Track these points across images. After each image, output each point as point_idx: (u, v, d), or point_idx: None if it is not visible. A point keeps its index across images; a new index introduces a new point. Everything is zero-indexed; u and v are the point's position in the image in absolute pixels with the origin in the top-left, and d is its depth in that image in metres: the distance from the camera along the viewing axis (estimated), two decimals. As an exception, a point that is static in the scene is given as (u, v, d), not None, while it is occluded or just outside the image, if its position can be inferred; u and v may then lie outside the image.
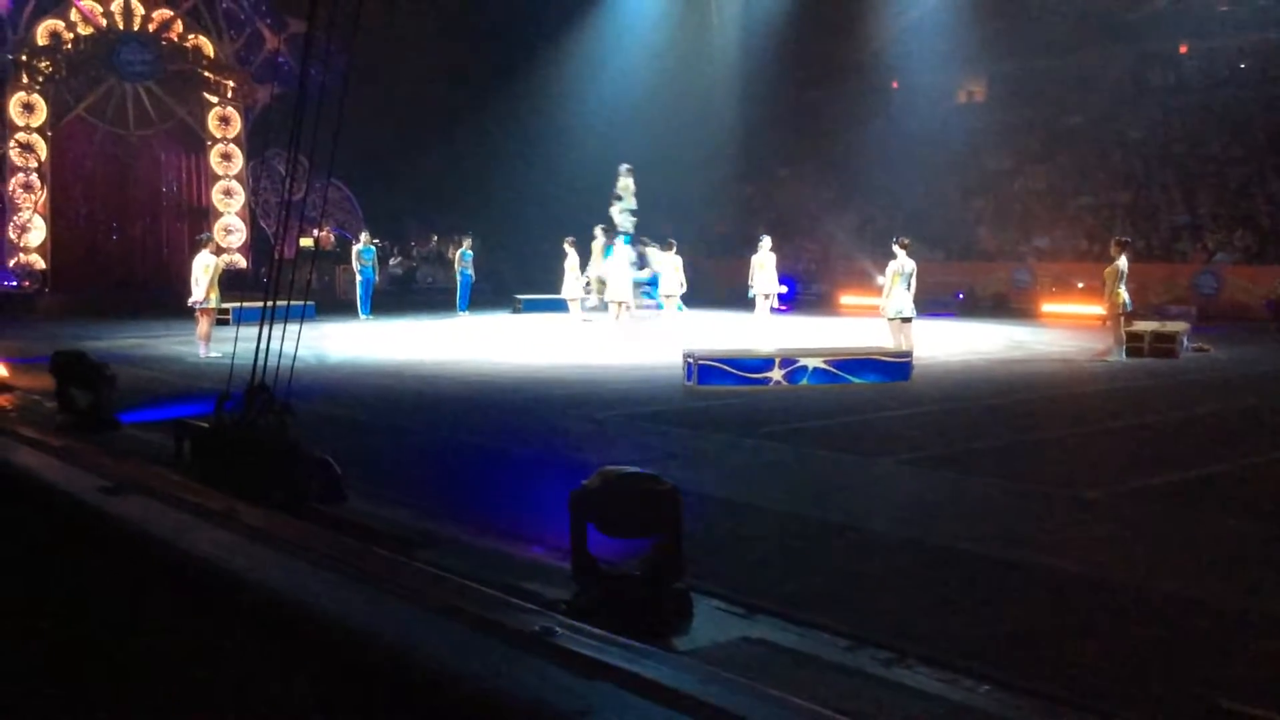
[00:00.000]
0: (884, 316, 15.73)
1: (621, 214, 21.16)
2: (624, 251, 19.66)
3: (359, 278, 23.79)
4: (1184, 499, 7.50)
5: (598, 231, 20.66)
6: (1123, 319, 15.94)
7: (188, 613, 3.94)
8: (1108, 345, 16.17)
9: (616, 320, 18.96)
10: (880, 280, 17.12)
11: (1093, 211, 29.74)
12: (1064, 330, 20.96)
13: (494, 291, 29.18)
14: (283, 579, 3.71)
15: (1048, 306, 25.57)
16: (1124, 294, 15.75)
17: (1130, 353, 15.99)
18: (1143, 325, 17.04)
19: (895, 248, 15.46)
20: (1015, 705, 3.83)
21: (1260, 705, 3.88)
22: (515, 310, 25.32)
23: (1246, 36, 31.03)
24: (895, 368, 13.40)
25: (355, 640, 3.14)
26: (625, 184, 21.53)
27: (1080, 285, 25.33)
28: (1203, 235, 27.45)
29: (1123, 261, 15.79)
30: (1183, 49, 32.37)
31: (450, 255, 35.72)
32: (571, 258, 20.20)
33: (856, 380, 13.08)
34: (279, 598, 3.54)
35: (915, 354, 14.12)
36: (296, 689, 3.30)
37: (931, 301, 22.84)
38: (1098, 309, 17.96)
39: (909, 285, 15.44)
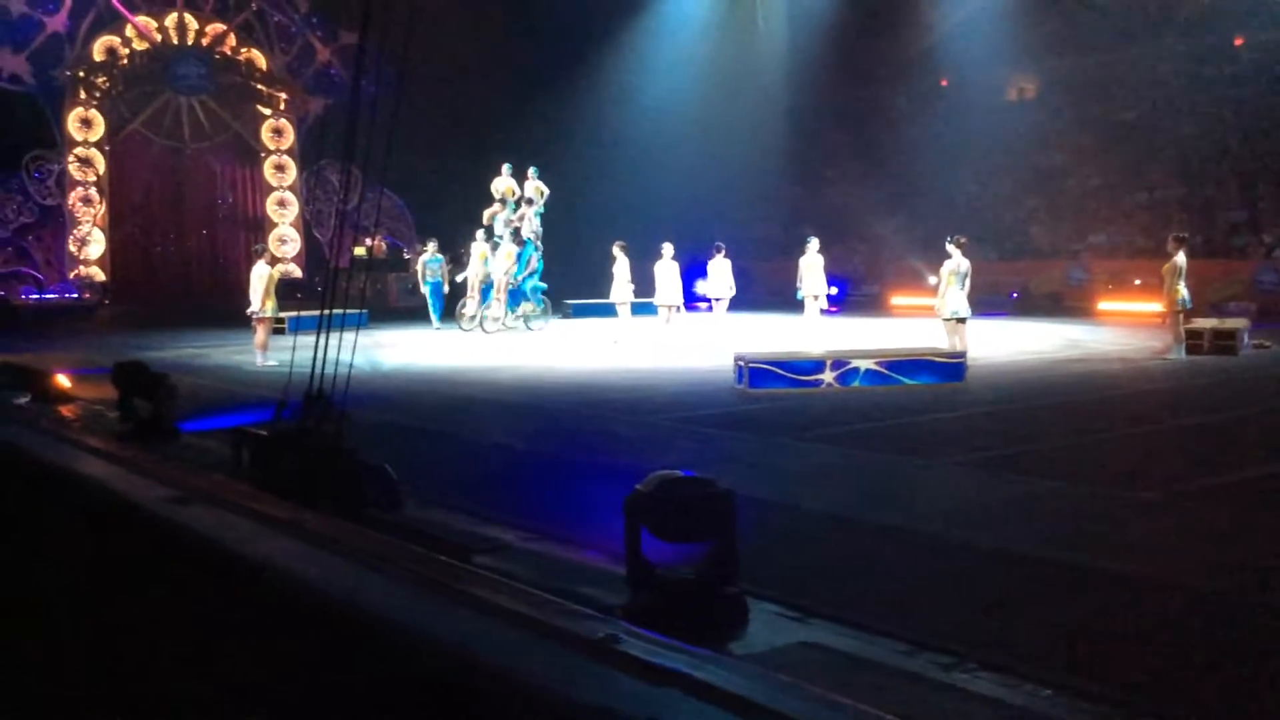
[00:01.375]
0: (939, 317, 15.59)
1: (535, 217, 22.85)
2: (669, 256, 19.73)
3: (426, 287, 23.71)
4: (1247, 499, 7.36)
5: (479, 235, 22.36)
6: (1182, 316, 15.69)
7: (261, 621, 4.00)
8: (1166, 343, 15.92)
9: (666, 324, 19.02)
10: (933, 280, 16.99)
11: (1148, 208, 29.28)
12: (1121, 329, 20.66)
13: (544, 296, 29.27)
14: (351, 586, 3.75)
15: (1104, 304, 25.21)
16: (1183, 291, 15.51)
17: (1190, 350, 15.72)
18: (1202, 322, 16.75)
19: (950, 247, 15.30)
20: (1078, 710, 3.79)
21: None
22: (565, 315, 25.40)
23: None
24: (949, 369, 13.27)
25: (421, 646, 3.17)
26: (537, 185, 23.24)
27: (1137, 282, 24.91)
28: (1261, 230, 26.92)
29: (1180, 258, 15.55)
30: (1238, 41, 31.74)
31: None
32: (621, 261, 20.22)
33: (909, 382, 12.97)
34: (348, 605, 3.59)
35: (970, 354, 13.99)
36: (364, 695, 3.34)
37: (986, 301, 22.58)
38: (1155, 306, 17.67)
39: (964, 285, 15.28)
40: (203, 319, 24.47)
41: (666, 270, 19.40)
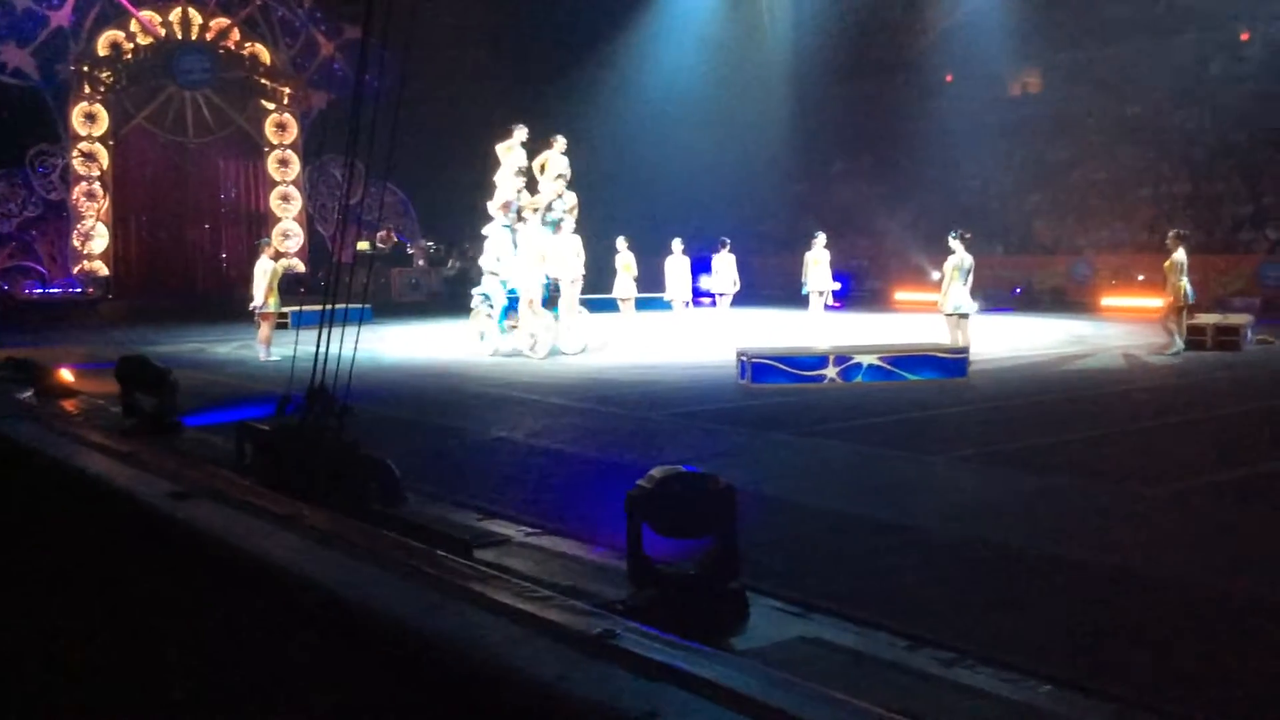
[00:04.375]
0: (942, 312, 15.58)
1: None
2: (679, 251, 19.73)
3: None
4: (1249, 495, 7.36)
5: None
6: (1184, 311, 15.67)
7: (258, 616, 4.01)
8: (1167, 340, 15.90)
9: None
10: (936, 276, 16.96)
11: (1153, 203, 29.23)
12: (1125, 324, 20.64)
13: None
14: (350, 581, 3.75)
15: (1108, 300, 25.20)
16: (1186, 286, 15.49)
17: (1193, 346, 15.72)
18: (1205, 318, 16.75)
19: (954, 242, 15.25)
20: (1078, 705, 3.79)
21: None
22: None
23: (1309, 22, 30.30)
24: (952, 364, 13.27)
25: (418, 641, 3.18)
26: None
27: (1141, 278, 24.89)
28: (1266, 225, 26.86)
29: (1181, 254, 15.53)
30: (1244, 36, 31.65)
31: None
32: (624, 256, 20.21)
33: (912, 377, 12.97)
34: (346, 599, 3.59)
35: (973, 350, 13.97)
36: (362, 689, 3.34)
37: (989, 296, 22.57)
38: (1159, 302, 17.66)
39: (967, 280, 15.24)
40: (206, 314, 24.52)
41: (678, 265, 19.43)
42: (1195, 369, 14.18)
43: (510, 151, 16.84)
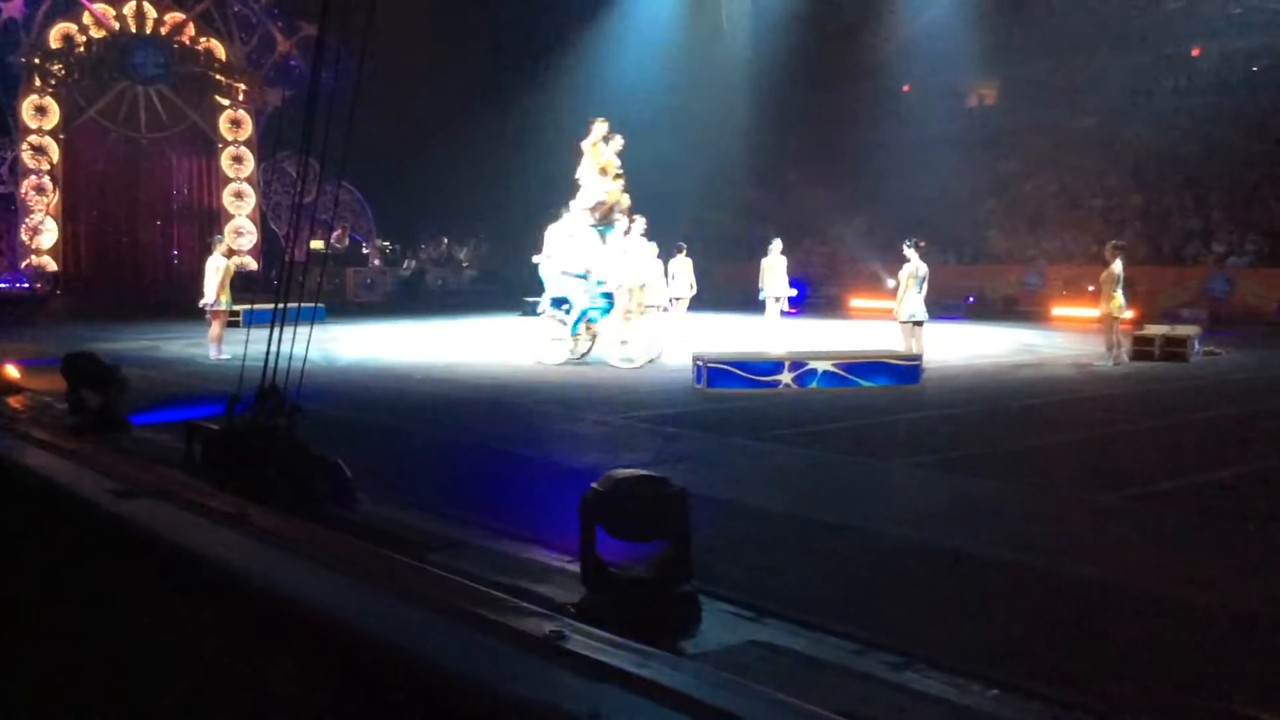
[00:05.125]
0: (896, 319, 15.68)
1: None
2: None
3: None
4: (1196, 503, 7.48)
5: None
6: (1118, 323, 15.89)
7: (196, 615, 3.95)
8: (1100, 351, 16.07)
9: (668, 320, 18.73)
10: (891, 283, 17.09)
11: (1103, 214, 29.67)
12: (1074, 333, 20.91)
13: (504, 294, 29.24)
14: (293, 581, 3.71)
15: (1058, 310, 25.53)
16: (1119, 298, 15.71)
17: (1141, 356, 15.96)
18: (1154, 329, 17.01)
19: (909, 250, 15.36)
20: (1025, 711, 3.82)
21: (1276, 710, 3.86)
22: (524, 313, 25.35)
23: (1259, 38, 30.93)
24: (905, 371, 13.38)
25: (363, 642, 3.15)
26: None
27: (1090, 288, 25.18)
28: (1213, 238, 27.37)
29: (1118, 265, 15.76)
30: (1195, 51, 32.28)
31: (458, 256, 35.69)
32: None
33: (866, 384, 13.06)
34: (288, 600, 3.55)
35: (926, 357, 14.09)
36: (303, 691, 3.31)
37: (942, 305, 22.79)
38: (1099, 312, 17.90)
39: (921, 288, 15.36)
40: (156, 311, 24.19)
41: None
42: (1143, 379, 14.39)
43: (595, 148, 16.38)
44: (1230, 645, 4.72)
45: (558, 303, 15.97)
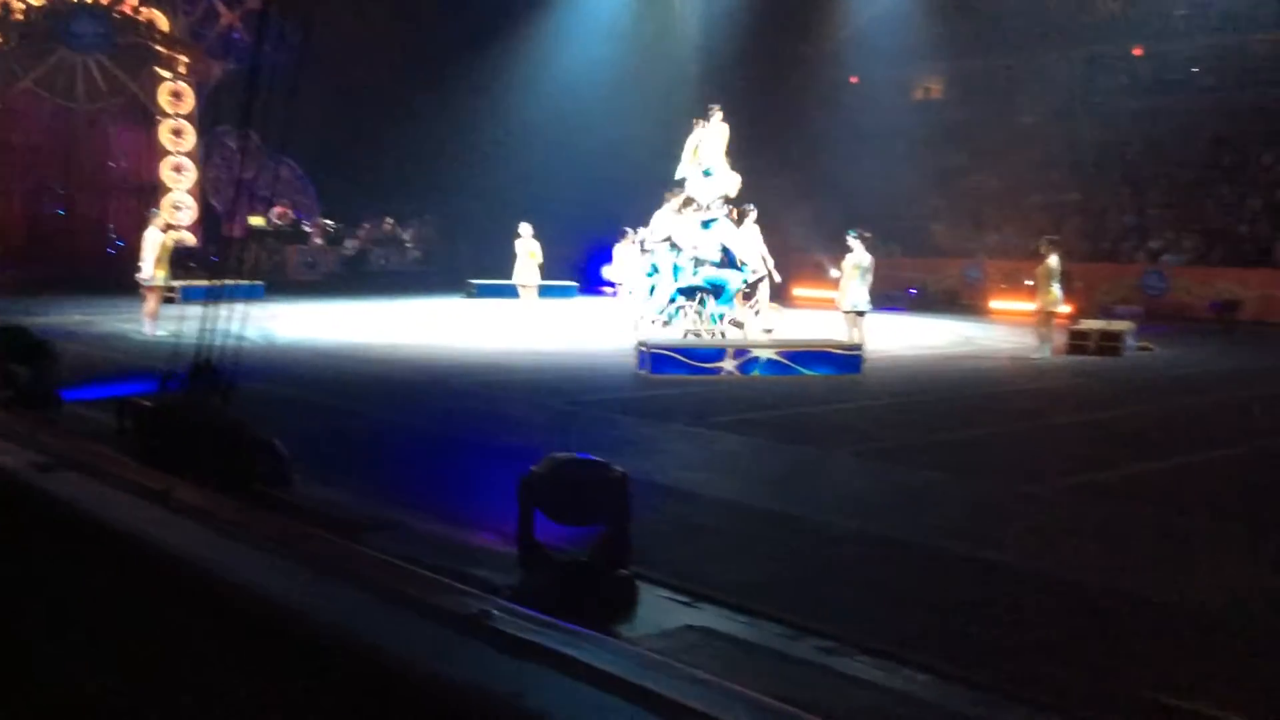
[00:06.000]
0: (839, 309, 15.81)
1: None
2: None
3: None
4: (1124, 495, 7.63)
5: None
6: (1053, 318, 16.18)
7: (111, 587, 3.90)
8: (1044, 345, 16.33)
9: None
10: (835, 273, 17.20)
11: (1043, 210, 30.09)
12: (1012, 327, 21.20)
13: (448, 276, 29.02)
14: (216, 557, 3.66)
15: (997, 303, 25.87)
16: (1055, 293, 16.01)
17: (1076, 350, 16.25)
18: (1090, 324, 17.30)
19: (853, 241, 15.49)
20: (952, 694, 3.89)
21: (1196, 700, 3.95)
22: (469, 295, 25.21)
23: (1199, 41, 31.50)
24: (847, 361, 13.49)
25: (287, 620, 3.12)
26: None
27: (1029, 283, 25.46)
28: (1149, 236, 27.89)
29: (1054, 260, 16.06)
30: (1136, 51, 32.79)
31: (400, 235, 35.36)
32: (527, 242, 20.08)
33: (808, 372, 13.15)
34: (209, 575, 3.50)
35: (867, 347, 14.23)
36: (223, 666, 3.27)
37: (885, 296, 22.98)
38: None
39: (865, 279, 15.50)
40: (91, 285, 23.68)
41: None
42: (1078, 373, 14.65)
43: (717, 134, 16.74)
44: (1152, 634, 4.83)
45: (690, 293, 15.71)
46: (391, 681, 2.69)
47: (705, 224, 16.07)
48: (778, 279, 17.32)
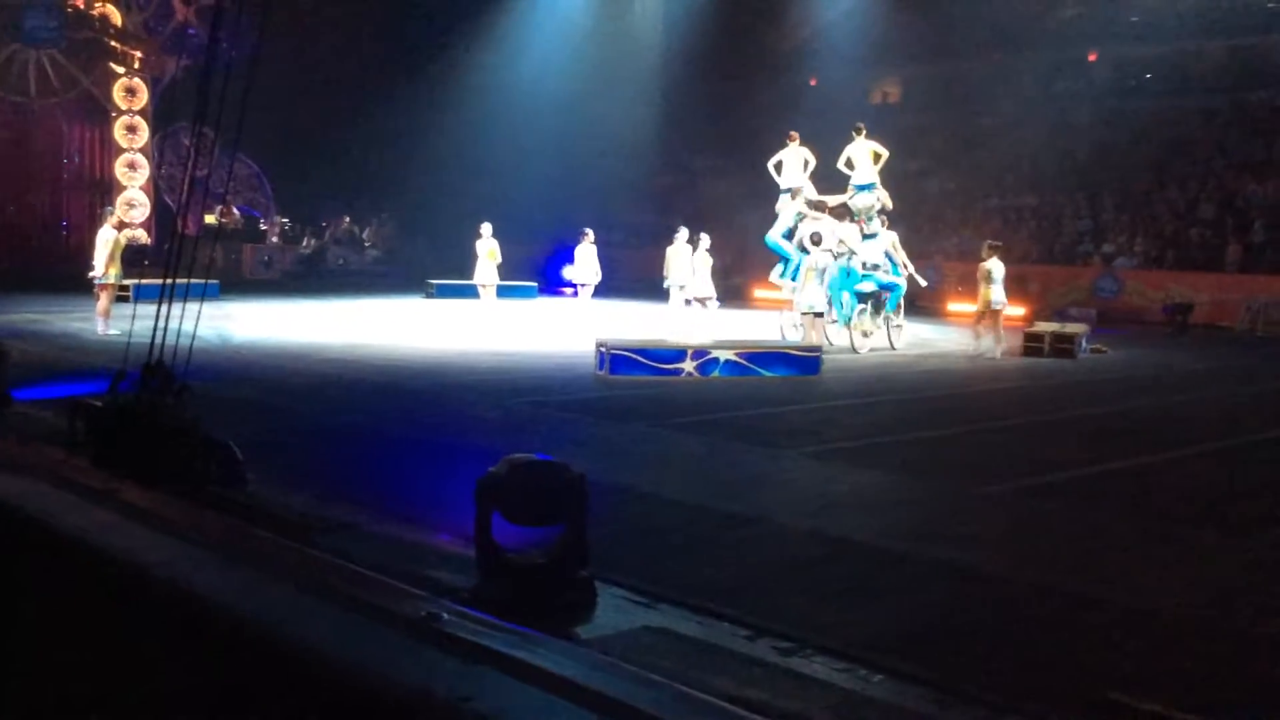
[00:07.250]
0: (797, 311, 15.89)
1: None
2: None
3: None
4: (1079, 496, 7.71)
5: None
6: (999, 316, 16.45)
7: (52, 588, 3.82)
8: (983, 343, 16.54)
9: (705, 312, 18.78)
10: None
11: (999, 213, 30.40)
12: (968, 329, 21.37)
13: (407, 275, 28.85)
14: (162, 559, 3.60)
15: (953, 305, 26.08)
16: (993, 294, 16.27)
17: (1031, 353, 16.48)
18: (1044, 326, 17.52)
19: (808, 244, 15.60)
20: (907, 695, 3.91)
21: (1148, 699, 3.99)
22: (428, 295, 25.07)
23: (1154, 46, 31.96)
24: (805, 362, 13.56)
25: (235, 622, 3.07)
26: None
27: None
28: (1103, 240, 28.24)
29: (993, 263, 16.33)
30: (1092, 57, 33.23)
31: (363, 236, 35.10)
32: (486, 242, 20.00)
33: (768, 374, 13.20)
34: (154, 577, 3.45)
35: (826, 349, 14.30)
36: (167, 669, 3.22)
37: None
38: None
39: (822, 280, 15.61)
40: (42, 284, 23.30)
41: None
42: (1032, 374, 14.81)
43: (863, 150, 19.14)
44: (1105, 634, 4.87)
45: (864, 297, 17.05)
46: (335, 685, 2.66)
47: (866, 236, 17.70)
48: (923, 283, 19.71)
